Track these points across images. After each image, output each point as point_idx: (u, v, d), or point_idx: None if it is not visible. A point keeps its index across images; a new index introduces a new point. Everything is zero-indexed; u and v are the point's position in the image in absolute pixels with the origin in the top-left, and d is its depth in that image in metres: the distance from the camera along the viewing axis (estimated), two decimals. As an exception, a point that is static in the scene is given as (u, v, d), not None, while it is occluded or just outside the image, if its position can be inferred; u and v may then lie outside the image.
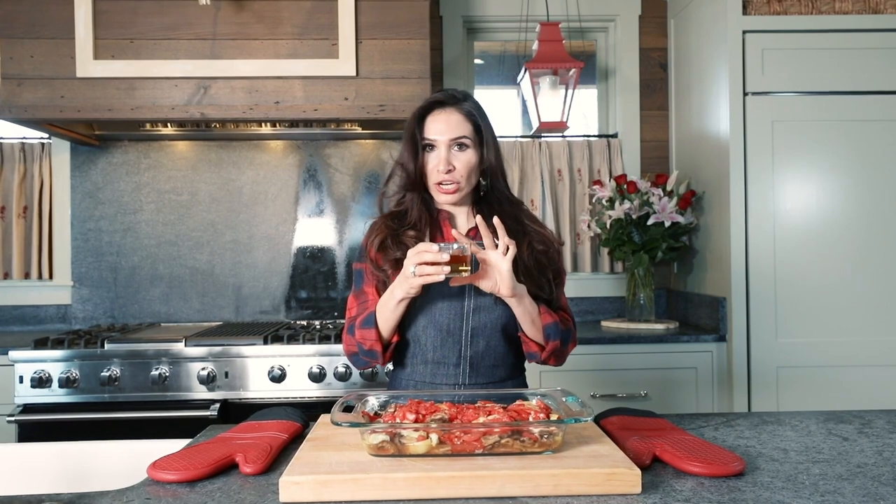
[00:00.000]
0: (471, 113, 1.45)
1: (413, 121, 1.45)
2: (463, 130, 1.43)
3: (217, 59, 2.43)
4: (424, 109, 1.45)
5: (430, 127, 1.43)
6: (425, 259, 1.26)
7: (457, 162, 1.42)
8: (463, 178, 1.43)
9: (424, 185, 1.46)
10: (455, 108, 1.44)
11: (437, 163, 1.42)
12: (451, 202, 1.46)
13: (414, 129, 1.44)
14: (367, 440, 1.05)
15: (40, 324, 2.89)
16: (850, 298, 2.40)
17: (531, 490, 0.97)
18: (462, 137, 1.42)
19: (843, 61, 2.41)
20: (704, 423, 1.38)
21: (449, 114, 1.44)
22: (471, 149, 1.44)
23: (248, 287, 2.90)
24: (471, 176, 1.45)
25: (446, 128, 1.42)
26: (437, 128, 1.43)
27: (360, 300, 1.49)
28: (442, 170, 1.41)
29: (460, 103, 1.45)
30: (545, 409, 1.13)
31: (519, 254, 1.41)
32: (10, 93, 2.41)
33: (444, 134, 1.42)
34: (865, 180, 2.41)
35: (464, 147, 1.43)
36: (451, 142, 1.42)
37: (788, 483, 1.01)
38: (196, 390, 2.26)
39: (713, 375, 2.47)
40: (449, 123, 1.42)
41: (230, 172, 2.91)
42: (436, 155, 1.43)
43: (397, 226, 1.46)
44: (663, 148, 3.04)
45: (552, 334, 1.41)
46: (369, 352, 1.42)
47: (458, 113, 1.44)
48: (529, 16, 2.98)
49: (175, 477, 1.03)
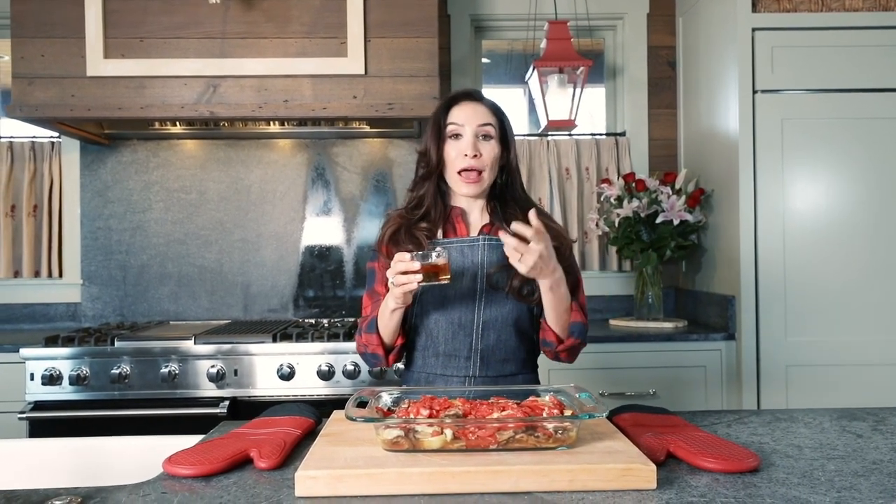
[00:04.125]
0: (496, 108, 1.50)
1: (439, 111, 1.49)
2: (489, 119, 1.47)
3: (226, 58, 2.43)
4: (452, 100, 1.49)
5: (457, 114, 1.47)
6: (398, 269, 1.28)
7: (483, 150, 1.45)
8: (487, 168, 1.45)
9: (443, 175, 1.48)
10: (481, 103, 1.49)
11: (463, 148, 1.44)
12: (472, 193, 1.47)
13: (439, 118, 1.47)
14: (382, 435, 1.05)
15: (50, 322, 2.90)
16: (860, 297, 2.39)
17: (546, 485, 0.96)
18: (488, 125, 1.46)
19: (852, 59, 2.41)
20: (717, 420, 1.38)
21: (476, 105, 1.48)
22: (495, 140, 1.47)
23: (257, 285, 2.90)
24: (493, 167, 1.47)
25: (474, 115, 1.46)
26: (464, 114, 1.46)
27: (374, 299, 1.52)
28: (469, 154, 1.43)
29: (484, 99, 1.51)
30: (559, 405, 1.13)
31: None
32: (21, 92, 2.42)
33: (472, 120, 1.45)
34: (875, 178, 2.40)
35: (489, 137, 1.46)
36: (479, 128, 1.45)
37: (804, 479, 1.01)
38: (205, 388, 2.27)
39: (722, 374, 2.46)
40: (476, 111, 1.47)
41: (239, 171, 2.91)
42: (463, 141, 1.45)
43: (411, 220, 1.48)
44: (672, 146, 3.04)
45: (576, 332, 1.42)
46: (373, 355, 1.47)
47: (484, 106, 1.49)
48: (537, 14, 2.98)
49: (190, 471, 1.03)
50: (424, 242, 1.44)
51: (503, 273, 1.43)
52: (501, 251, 1.44)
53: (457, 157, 1.45)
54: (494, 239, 1.46)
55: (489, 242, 1.46)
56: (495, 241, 1.45)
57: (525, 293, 1.43)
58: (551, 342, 1.44)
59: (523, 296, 1.43)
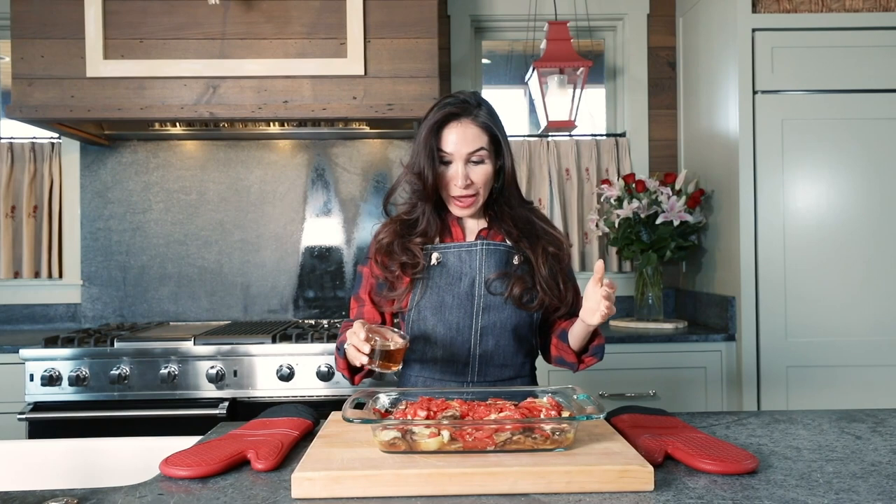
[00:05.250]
0: (486, 124, 1.41)
1: (430, 133, 1.40)
2: (479, 143, 1.40)
3: (226, 59, 2.43)
4: (442, 121, 1.40)
5: (447, 139, 1.40)
6: (353, 342, 1.26)
7: (474, 176, 1.41)
8: (480, 191, 1.43)
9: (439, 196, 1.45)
10: (471, 121, 1.41)
11: (454, 177, 1.40)
12: (467, 215, 1.47)
13: (430, 140, 1.40)
14: (379, 437, 1.05)
15: (50, 322, 2.91)
16: (861, 298, 2.38)
17: (544, 487, 0.96)
18: (479, 151, 1.40)
19: (853, 59, 2.40)
20: (716, 421, 1.37)
21: (465, 127, 1.40)
22: (487, 160, 1.42)
23: (257, 286, 2.90)
24: (487, 186, 1.44)
25: (463, 143, 1.39)
26: (453, 142, 1.40)
27: (358, 304, 1.53)
28: (460, 185, 1.40)
29: (475, 113, 1.41)
30: (556, 407, 1.13)
31: (536, 263, 1.43)
32: (20, 92, 2.42)
33: (462, 149, 1.39)
34: (876, 178, 2.40)
35: (480, 162, 1.41)
36: (468, 156, 1.40)
37: (802, 481, 1.01)
38: (205, 389, 2.27)
39: (722, 375, 2.46)
40: (465, 138, 1.39)
41: (238, 172, 2.92)
42: (453, 169, 1.41)
43: (405, 232, 1.46)
44: (672, 147, 3.03)
45: (597, 353, 1.42)
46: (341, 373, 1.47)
47: (474, 125, 1.40)
48: (537, 15, 2.98)
49: (187, 473, 1.03)
50: (419, 255, 1.43)
51: (502, 280, 1.42)
52: (500, 256, 1.44)
53: (448, 184, 1.42)
54: (492, 243, 1.45)
55: (487, 247, 1.45)
56: (493, 246, 1.45)
57: (525, 301, 1.43)
58: (571, 363, 1.44)
59: (523, 303, 1.43)
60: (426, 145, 1.40)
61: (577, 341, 1.38)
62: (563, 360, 1.46)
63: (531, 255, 1.44)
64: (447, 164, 1.41)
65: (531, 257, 1.44)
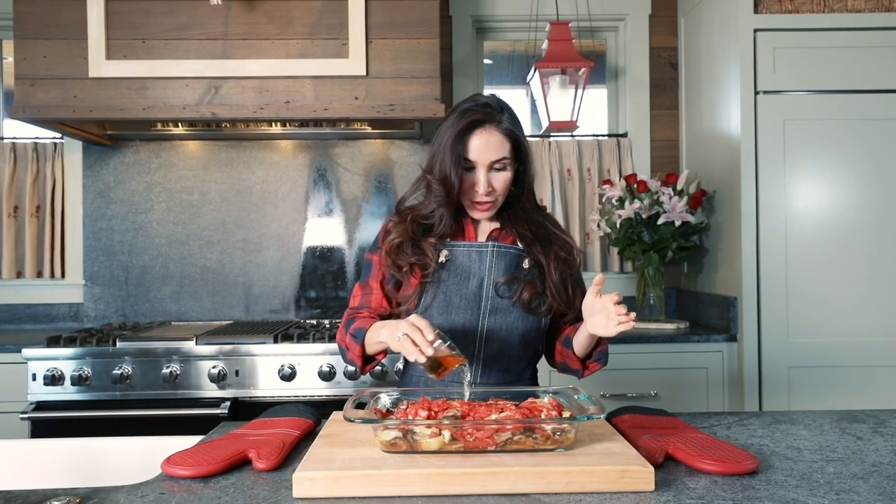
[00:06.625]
0: (510, 131, 1.40)
1: (455, 137, 1.38)
2: (503, 151, 1.40)
3: (228, 59, 2.44)
4: (468, 127, 1.38)
5: (471, 147, 1.39)
6: (414, 338, 1.21)
7: (495, 182, 1.41)
8: (500, 197, 1.44)
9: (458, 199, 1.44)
10: (495, 127, 1.39)
11: (475, 183, 1.40)
12: (484, 218, 1.48)
13: (457, 147, 1.38)
14: (380, 437, 1.05)
15: (52, 322, 2.91)
16: (863, 298, 2.38)
17: (544, 487, 0.96)
18: (502, 159, 1.40)
19: (855, 60, 2.40)
20: (717, 421, 1.37)
21: (490, 134, 1.39)
22: (509, 167, 1.42)
23: (258, 286, 2.91)
24: (506, 191, 1.45)
25: (487, 150, 1.38)
26: (478, 150, 1.39)
27: (364, 291, 1.50)
28: (482, 191, 1.40)
29: (499, 119, 1.40)
30: (557, 407, 1.13)
31: (548, 267, 1.43)
32: (23, 93, 2.43)
33: (486, 156, 1.39)
34: (878, 179, 2.39)
35: (502, 169, 1.41)
36: (492, 164, 1.40)
37: (803, 482, 1.01)
38: (206, 388, 2.27)
39: (724, 375, 2.46)
40: (490, 145, 1.39)
41: (240, 172, 2.92)
42: (475, 175, 1.40)
43: (419, 233, 1.45)
44: (673, 147, 3.03)
45: (601, 359, 1.43)
46: (350, 360, 1.45)
47: (498, 132, 1.39)
48: (539, 15, 2.98)
49: (189, 472, 1.03)
50: (431, 255, 1.42)
51: (512, 284, 1.42)
52: (510, 259, 1.44)
53: (469, 189, 1.42)
54: (504, 246, 1.45)
55: (498, 249, 1.44)
56: (504, 248, 1.44)
57: (534, 306, 1.43)
58: (576, 370, 1.45)
59: (531, 308, 1.43)
60: (452, 152, 1.38)
61: (582, 348, 1.39)
62: (567, 366, 1.47)
63: (543, 260, 1.44)
64: (469, 170, 1.41)
65: (543, 262, 1.44)
